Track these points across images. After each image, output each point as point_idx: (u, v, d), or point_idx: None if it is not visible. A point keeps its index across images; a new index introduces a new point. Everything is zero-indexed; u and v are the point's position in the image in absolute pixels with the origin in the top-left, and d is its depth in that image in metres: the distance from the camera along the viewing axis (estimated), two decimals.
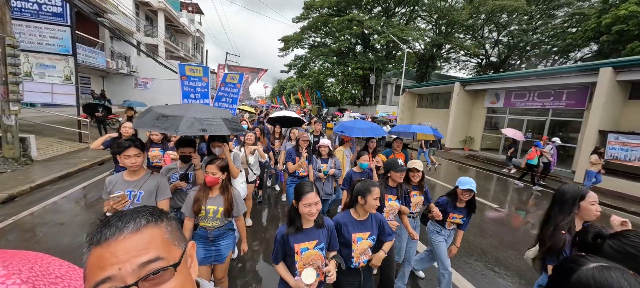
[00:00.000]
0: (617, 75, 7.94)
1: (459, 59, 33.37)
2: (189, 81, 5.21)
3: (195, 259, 0.60)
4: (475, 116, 13.86)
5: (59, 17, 8.01)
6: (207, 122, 2.39)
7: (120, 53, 18.56)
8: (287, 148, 4.63)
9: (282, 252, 1.63)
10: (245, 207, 2.34)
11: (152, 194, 2.13)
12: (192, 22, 29.99)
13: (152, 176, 2.18)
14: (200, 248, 2.16)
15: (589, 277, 0.73)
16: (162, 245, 0.51)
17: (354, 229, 1.82)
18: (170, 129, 2.25)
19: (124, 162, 2.05)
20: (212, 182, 2.09)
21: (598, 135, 8.18)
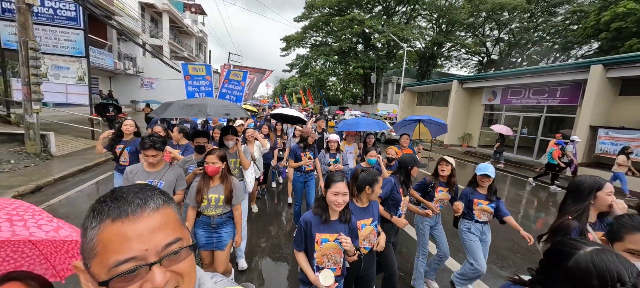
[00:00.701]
0: (608, 72, 8.22)
1: (460, 57, 33.51)
2: (192, 80, 5.39)
3: None
4: (473, 113, 14.15)
5: (72, 21, 8.47)
6: (228, 108, 2.86)
7: (127, 54, 19.07)
8: (292, 144, 4.83)
9: (305, 238, 1.65)
10: (244, 196, 2.48)
11: (171, 185, 2.26)
12: (195, 22, 30.48)
13: (171, 167, 2.32)
14: (202, 235, 2.27)
15: (588, 261, 0.73)
16: (177, 225, 0.51)
17: (358, 216, 1.88)
18: (199, 114, 2.72)
19: (145, 160, 2.24)
20: (214, 171, 2.17)
21: (589, 130, 8.47)
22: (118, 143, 3.23)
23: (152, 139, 2.18)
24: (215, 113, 2.72)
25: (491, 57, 31.40)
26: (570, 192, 1.67)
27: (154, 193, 0.51)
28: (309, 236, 1.63)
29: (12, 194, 4.33)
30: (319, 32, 30.56)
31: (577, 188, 1.63)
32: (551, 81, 10.00)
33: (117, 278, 0.43)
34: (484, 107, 13.53)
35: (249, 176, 3.24)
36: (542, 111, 10.86)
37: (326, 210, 1.64)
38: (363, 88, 32.71)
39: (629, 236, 1.04)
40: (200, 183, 2.19)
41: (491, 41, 30.27)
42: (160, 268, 0.46)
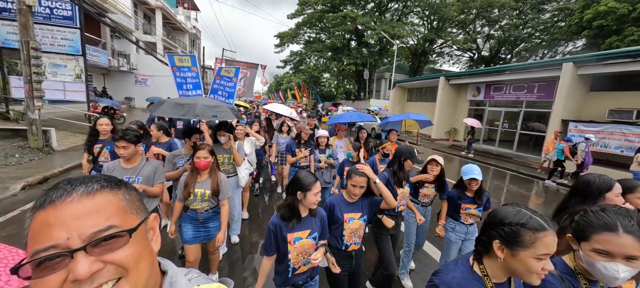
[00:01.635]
0: (578, 70, 8.81)
1: (452, 54, 34.16)
2: (180, 72, 5.22)
3: (157, 233, 0.56)
4: (459, 108, 14.74)
5: (69, 20, 8.70)
6: (217, 110, 2.88)
7: (121, 51, 19.16)
8: (286, 141, 4.88)
9: (276, 242, 1.62)
10: (231, 190, 2.53)
11: (149, 180, 2.25)
12: (188, 18, 30.44)
13: (148, 162, 2.31)
14: (189, 229, 2.32)
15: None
16: (117, 213, 0.47)
17: (346, 209, 1.90)
18: (188, 115, 2.75)
19: (117, 152, 2.21)
20: (205, 166, 2.22)
21: (561, 123, 9.08)
22: (95, 143, 3.12)
23: (124, 131, 2.16)
24: (203, 115, 2.72)
25: (482, 54, 32.12)
26: (578, 192, 1.57)
27: (94, 179, 0.48)
28: (280, 239, 1.61)
29: (22, 184, 4.70)
30: (312, 28, 30.79)
31: (586, 189, 1.54)
32: (529, 78, 10.59)
33: (37, 269, 0.40)
34: (469, 102, 14.12)
35: (241, 171, 3.29)
36: (522, 106, 11.47)
37: (297, 213, 1.62)
38: (356, 84, 33.16)
39: (595, 236, 0.95)
40: (188, 177, 2.24)
41: (482, 38, 30.95)
42: (84, 256, 0.41)
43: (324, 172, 3.93)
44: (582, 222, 1.01)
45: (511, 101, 11.93)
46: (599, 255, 0.93)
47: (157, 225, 0.57)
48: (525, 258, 0.85)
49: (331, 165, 3.99)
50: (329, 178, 3.99)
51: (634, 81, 8.22)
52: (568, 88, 8.86)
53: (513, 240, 0.87)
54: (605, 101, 8.81)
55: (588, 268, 0.98)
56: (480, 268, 0.95)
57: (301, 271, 1.69)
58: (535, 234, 0.84)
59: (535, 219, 0.86)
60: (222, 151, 3.16)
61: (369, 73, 28.50)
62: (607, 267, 0.91)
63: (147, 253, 0.50)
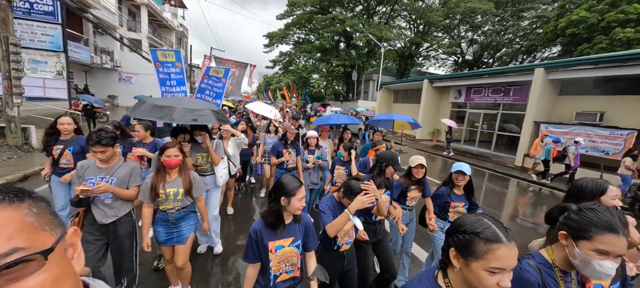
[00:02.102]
0: (549, 75, 9.41)
1: (438, 57, 35.22)
2: (163, 67, 5.02)
3: (79, 249, 0.48)
4: (442, 110, 15.29)
5: (50, 16, 8.52)
6: (198, 113, 2.67)
7: (104, 48, 18.67)
8: (273, 141, 4.75)
9: (257, 249, 1.56)
10: (204, 187, 2.43)
11: (124, 181, 2.14)
12: (175, 16, 29.91)
13: (124, 163, 2.20)
14: (161, 232, 2.23)
15: None
16: (23, 231, 0.38)
17: (337, 212, 1.88)
18: (165, 118, 2.54)
19: (94, 157, 2.12)
20: (175, 164, 2.16)
21: (533, 125, 9.66)
22: (54, 143, 2.87)
23: (98, 135, 2.02)
24: (182, 119, 2.56)
25: (466, 58, 33.30)
26: (572, 196, 1.58)
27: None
28: (262, 247, 1.55)
29: (1, 182, 4.64)
30: (301, 29, 30.95)
31: (580, 193, 1.55)
32: (505, 82, 11.19)
33: None
34: (451, 104, 14.69)
35: (219, 170, 3.22)
36: (499, 108, 12.07)
37: (281, 219, 1.56)
38: (345, 85, 33.57)
39: (599, 236, 0.95)
40: (154, 179, 2.14)
41: (466, 42, 32.10)
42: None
43: (311, 173, 3.92)
44: (582, 221, 1.00)
45: (490, 104, 12.53)
46: (598, 255, 0.94)
47: (78, 240, 0.49)
48: (477, 269, 0.81)
49: (319, 166, 3.95)
50: (317, 180, 3.98)
51: (598, 86, 8.87)
52: (539, 92, 9.45)
53: (466, 248, 0.84)
54: (573, 104, 9.45)
55: (581, 265, 0.99)
56: (445, 282, 0.92)
57: (283, 279, 1.62)
58: (487, 245, 0.80)
59: (491, 230, 0.82)
60: (200, 150, 3.10)
61: (357, 75, 28.96)
62: (602, 265, 0.93)
63: (68, 275, 0.42)
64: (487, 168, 9.71)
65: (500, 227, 0.83)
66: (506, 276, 0.79)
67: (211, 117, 2.74)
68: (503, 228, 0.83)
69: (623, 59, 7.74)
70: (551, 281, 1.06)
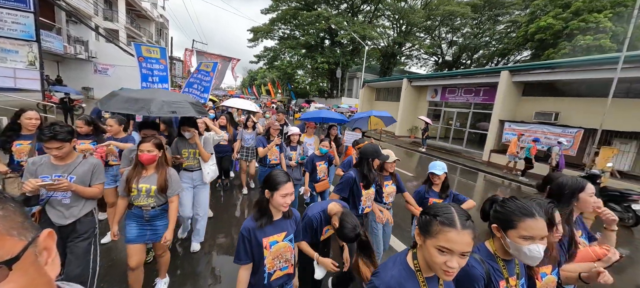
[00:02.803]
0: (513, 77, 10.23)
1: (420, 57, 36.37)
2: (146, 63, 4.92)
3: (54, 253, 0.45)
4: (419, 108, 16.04)
5: (21, 3, 8.19)
6: (176, 105, 2.60)
7: (78, 37, 17.88)
8: (252, 136, 4.87)
9: (250, 248, 1.52)
10: (181, 187, 2.34)
11: (85, 179, 1.99)
12: (154, 6, 28.93)
13: (85, 160, 2.03)
14: (134, 227, 2.15)
15: None
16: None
17: (321, 228, 1.99)
18: (142, 111, 2.45)
19: (49, 153, 1.91)
20: (148, 160, 2.08)
21: (498, 123, 10.49)
22: (14, 138, 2.66)
23: (52, 129, 1.83)
24: (160, 111, 2.48)
25: (446, 59, 34.66)
26: (553, 195, 1.61)
27: None
28: (255, 245, 1.52)
29: None
30: (287, 24, 30.92)
31: (560, 191, 1.59)
32: (476, 82, 11.99)
33: None
34: (428, 102, 15.45)
35: (206, 166, 3.16)
36: (470, 108, 12.91)
37: (267, 214, 1.55)
38: (329, 82, 33.95)
39: (521, 223, 1.05)
40: (131, 172, 2.10)
41: (446, 43, 33.40)
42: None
43: (293, 170, 4.00)
44: (505, 211, 1.10)
45: (462, 103, 13.35)
46: (524, 240, 1.03)
47: (52, 243, 0.46)
48: (430, 246, 0.90)
49: (302, 165, 3.99)
50: (299, 176, 4.01)
51: (554, 89, 9.78)
52: (504, 93, 10.27)
53: (425, 227, 0.93)
54: (533, 105, 10.35)
55: (515, 253, 1.08)
56: (414, 263, 1.00)
57: (277, 276, 1.60)
58: (441, 226, 0.88)
59: (449, 215, 0.90)
60: (187, 145, 3.06)
61: (342, 72, 29.41)
62: (531, 249, 1.02)
63: (40, 283, 0.40)
64: (458, 163, 10.45)
65: (461, 216, 0.90)
66: (455, 259, 0.86)
67: (190, 109, 2.70)
68: (463, 217, 0.90)
69: (574, 65, 8.62)
70: (495, 271, 1.13)
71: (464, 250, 0.86)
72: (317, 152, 3.87)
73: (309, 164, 3.63)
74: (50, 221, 1.93)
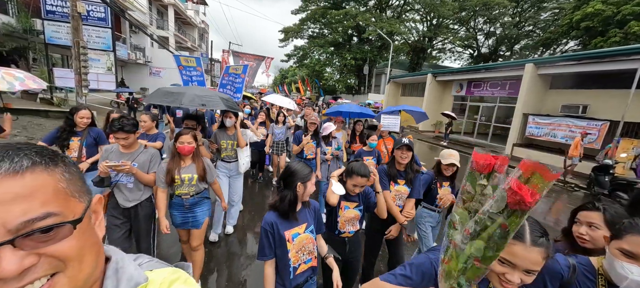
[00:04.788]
0: (538, 70, 10.08)
1: (454, 50, 34.99)
2: (186, 70, 5.50)
3: (101, 216, 0.49)
4: (444, 103, 16.04)
5: (102, 21, 10.33)
6: (206, 99, 2.85)
7: (137, 45, 20.85)
8: (282, 131, 5.03)
9: (273, 242, 1.52)
10: (216, 173, 2.51)
11: (144, 167, 2.24)
12: (197, 13, 31.93)
13: (145, 150, 2.31)
14: (177, 215, 2.34)
15: None
16: (56, 197, 0.39)
17: (342, 198, 1.89)
18: (175, 103, 2.75)
19: (116, 143, 2.22)
20: (188, 151, 2.22)
21: (522, 116, 10.41)
22: (71, 135, 2.82)
23: (120, 122, 2.12)
24: (190, 103, 2.74)
25: (481, 51, 32.92)
26: (633, 206, 1.48)
27: (22, 152, 0.38)
28: (278, 238, 1.51)
29: None
30: (316, 23, 31.95)
31: None
32: (501, 76, 11.87)
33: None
34: (453, 97, 15.42)
35: (242, 158, 3.31)
36: (496, 102, 12.76)
37: (294, 205, 1.55)
38: (357, 78, 34.38)
39: (629, 236, 0.91)
40: (170, 163, 2.23)
41: (483, 35, 31.73)
42: (11, 251, 0.34)
43: (330, 165, 3.94)
44: (628, 224, 0.95)
45: (488, 97, 13.23)
46: (623, 255, 0.91)
47: (100, 208, 0.49)
48: None
49: (337, 157, 4.00)
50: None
51: (583, 81, 9.48)
52: (529, 86, 10.16)
53: None
54: (561, 97, 10.09)
55: (607, 266, 0.97)
56: None
57: (302, 270, 1.59)
58: None
59: (519, 230, 0.78)
60: (226, 137, 3.24)
61: (369, 68, 29.71)
62: (625, 267, 0.90)
63: (93, 243, 0.43)
64: None
65: (534, 230, 0.81)
66: (516, 274, 0.79)
67: (220, 103, 2.91)
68: (536, 233, 0.81)
69: (602, 56, 8.37)
70: (586, 286, 1.00)
71: (528, 267, 0.79)
72: (345, 146, 3.88)
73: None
74: (117, 203, 2.24)
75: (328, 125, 4.00)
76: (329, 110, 5.80)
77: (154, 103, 3.19)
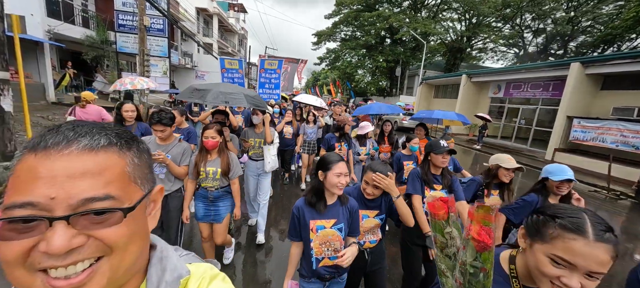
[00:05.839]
0: (586, 69, 9.34)
1: (496, 49, 32.77)
2: (228, 73, 5.92)
3: (158, 206, 0.49)
4: (480, 105, 15.35)
5: (161, 32, 11.96)
6: (230, 96, 2.92)
7: (185, 51, 23.27)
8: (313, 130, 4.96)
9: (298, 226, 1.53)
10: (240, 170, 2.48)
11: (177, 159, 2.33)
12: (237, 21, 34.39)
13: (179, 143, 2.40)
14: (200, 207, 2.42)
15: None
16: (119, 179, 0.39)
17: (361, 206, 1.74)
18: (200, 100, 2.83)
19: (155, 134, 2.31)
20: (212, 145, 2.28)
21: (566, 120, 9.71)
22: None
23: (159, 115, 2.25)
24: (215, 100, 2.82)
25: (528, 50, 30.34)
26: None
27: (103, 131, 0.40)
28: (303, 224, 1.53)
29: None
30: (348, 26, 32.32)
31: None
32: (544, 76, 11.15)
33: (5, 226, 0.33)
34: (490, 99, 14.71)
35: (268, 156, 3.30)
36: (538, 103, 11.98)
37: (322, 197, 1.53)
38: (388, 80, 33.97)
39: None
40: (198, 157, 2.32)
41: (531, 32, 29.26)
42: (65, 227, 0.34)
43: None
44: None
45: (529, 98, 12.46)
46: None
47: (160, 198, 0.49)
48: (539, 252, 0.69)
49: (372, 157, 3.87)
50: None
51: None
52: (574, 86, 9.46)
53: (536, 228, 0.73)
54: (613, 99, 9.22)
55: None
56: (510, 268, 0.80)
57: (326, 264, 1.55)
58: (560, 230, 0.67)
59: (576, 219, 0.66)
60: (254, 135, 3.31)
61: (402, 70, 29.23)
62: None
63: (142, 233, 0.42)
64: (521, 162, 9.88)
65: (596, 223, 0.65)
66: (575, 277, 0.64)
67: (243, 100, 2.97)
68: (600, 227, 0.65)
69: None
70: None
71: (592, 269, 0.63)
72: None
73: (396, 163, 3.23)
74: None
75: (365, 125, 3.86)
76: (356, 110, 5.72)
77: (183, 99, 3.30)
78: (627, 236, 4.67)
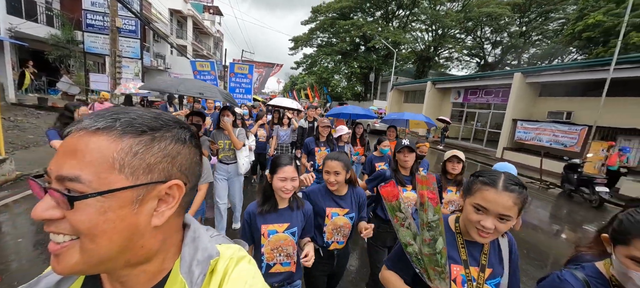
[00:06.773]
0: (526, 79, 10.79)
1: (461, 59, 35.49)
2: (200, 75, 5.88)
3: (172, 204, 0.43)
4: (443, 109, 16.76)
5: (133, 33, 11.79)
6: (204, 89, 2.89)
7: (158, 53, 22.64)
8: (287, 133, 4.84)
9: (249, 232, 1.47)
10: (211, 177, 2.38)
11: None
12: (213, 23, 33.95)
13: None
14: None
15: None
16: (97, 164, 0.37)
17: (329, 204, 1.67)
18: (171, 88, 2.80)
19: None
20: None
21: (511, 122, 11.08)
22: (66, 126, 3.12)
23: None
24: (187, 91, 2.81)
25: (488, 60, 33.28)
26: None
27: (119, 116, 0.40)
28: (254, 229, 1.45)
29: None
30: (324, 33, 33.31)
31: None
32: (494, 84, 12.60)
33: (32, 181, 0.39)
34: (451, 104, 16.14)
35: (241, 158, 3.21)
36: (490, 108, 13.44)
37: (270, 199, 1.47)
38: (363, 86, 35.37)
39: (636, 240, 0.74)
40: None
41: (490, 44, 32.18)
42: (48, 198, 0.37)
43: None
44: (626, 222, 0.78)
45: (483, 104, 13.92)
46: (635, 264, 0.74)
47: (176, 195, 0.43)
48: (467, 204, 0.91)
49: (353, 162, 3.81)
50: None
51: (569, 89, 10.13)
52: (518, 93, 10.87)
53: (467, 187, 0.94)
54: (549, 104, 10.74)
55: (620, 278, 0.80)
56: (456, 226, 1.01)
57: (277, 270, 1.48)
58: (480, 185, 0.88)
59: (492, 177, 0.88)
60: (223, 137, 3.16)
61: (375, 76, 30.67)
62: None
63: (119, 228, 0.38)
64: (476, 160, 11.25)
65: (507, 180, 0.87)
66: (490, 219, 0.84)
67: (217, 94, 3.01)
68: (509, 182, 0.86)
69: (585, 66, 9.05)
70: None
71: (500, 211, 0.83)
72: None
73: (368, 166, 3.17)
74: None
75: (340, 128, 3.76)
76: (329, 111, 5.78)
77: (152, 89, 3.22)
78: (554, 219, 5.67)
